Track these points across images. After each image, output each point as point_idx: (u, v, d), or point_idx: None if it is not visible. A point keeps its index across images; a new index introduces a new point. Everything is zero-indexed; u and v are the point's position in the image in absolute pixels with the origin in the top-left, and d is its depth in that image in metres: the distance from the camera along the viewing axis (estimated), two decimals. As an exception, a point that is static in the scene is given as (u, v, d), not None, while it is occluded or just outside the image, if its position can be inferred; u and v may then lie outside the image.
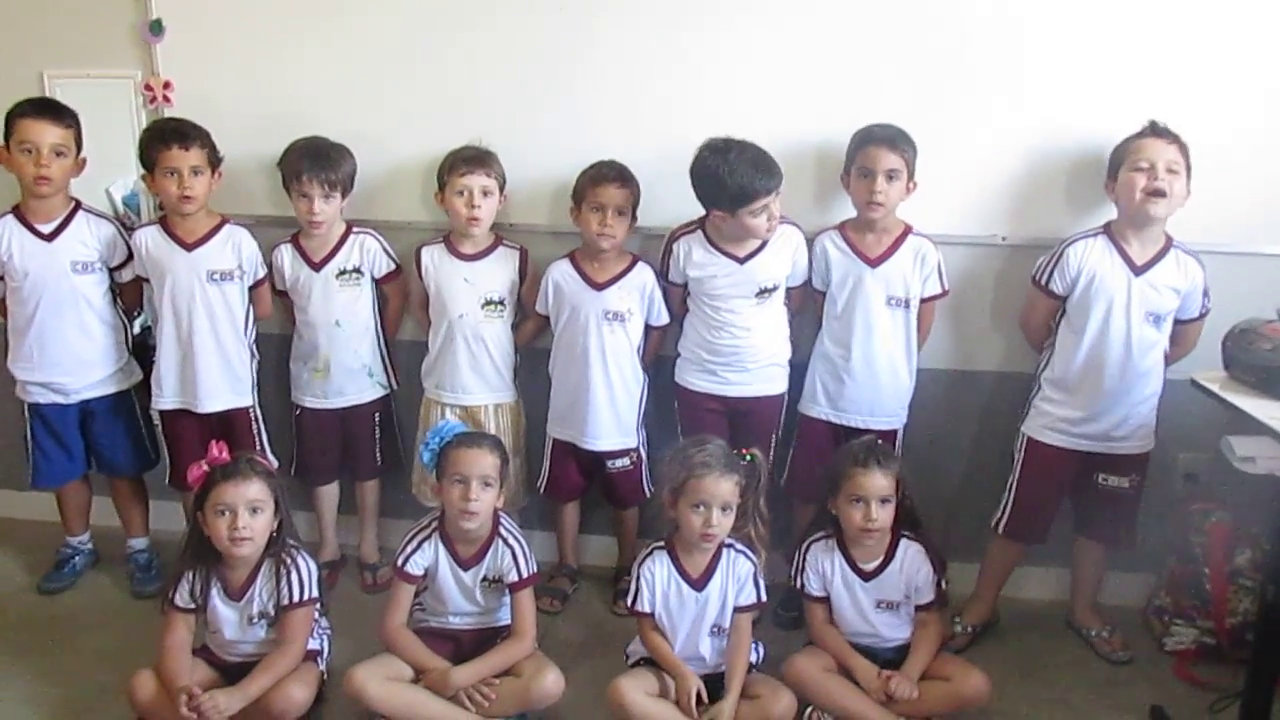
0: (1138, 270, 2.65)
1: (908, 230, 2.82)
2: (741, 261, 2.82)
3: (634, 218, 2.87)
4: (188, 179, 2.84)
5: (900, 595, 2.57)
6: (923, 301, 2.84)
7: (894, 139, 2.69)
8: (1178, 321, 2.71)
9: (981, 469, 3.01)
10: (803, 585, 2.62)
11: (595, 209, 2.82)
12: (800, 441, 2.96)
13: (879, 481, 2.50)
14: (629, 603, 2.55)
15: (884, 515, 2.50)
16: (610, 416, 2.95)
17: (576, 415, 2.97)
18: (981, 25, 2.77)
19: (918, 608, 2.58)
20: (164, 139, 2.83)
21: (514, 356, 3.07)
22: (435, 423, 2.96)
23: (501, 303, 2.99)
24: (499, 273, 2.99)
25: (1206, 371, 2.49)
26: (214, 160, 2.91)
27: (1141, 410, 2.71)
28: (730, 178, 2.63)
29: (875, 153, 2.69)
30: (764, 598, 2.57)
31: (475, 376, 3.01)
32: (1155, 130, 2.61)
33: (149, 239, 2.95)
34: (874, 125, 2.73)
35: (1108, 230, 2.69)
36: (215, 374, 2.98)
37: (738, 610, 2.53)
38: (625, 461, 3.00)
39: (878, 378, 2.84)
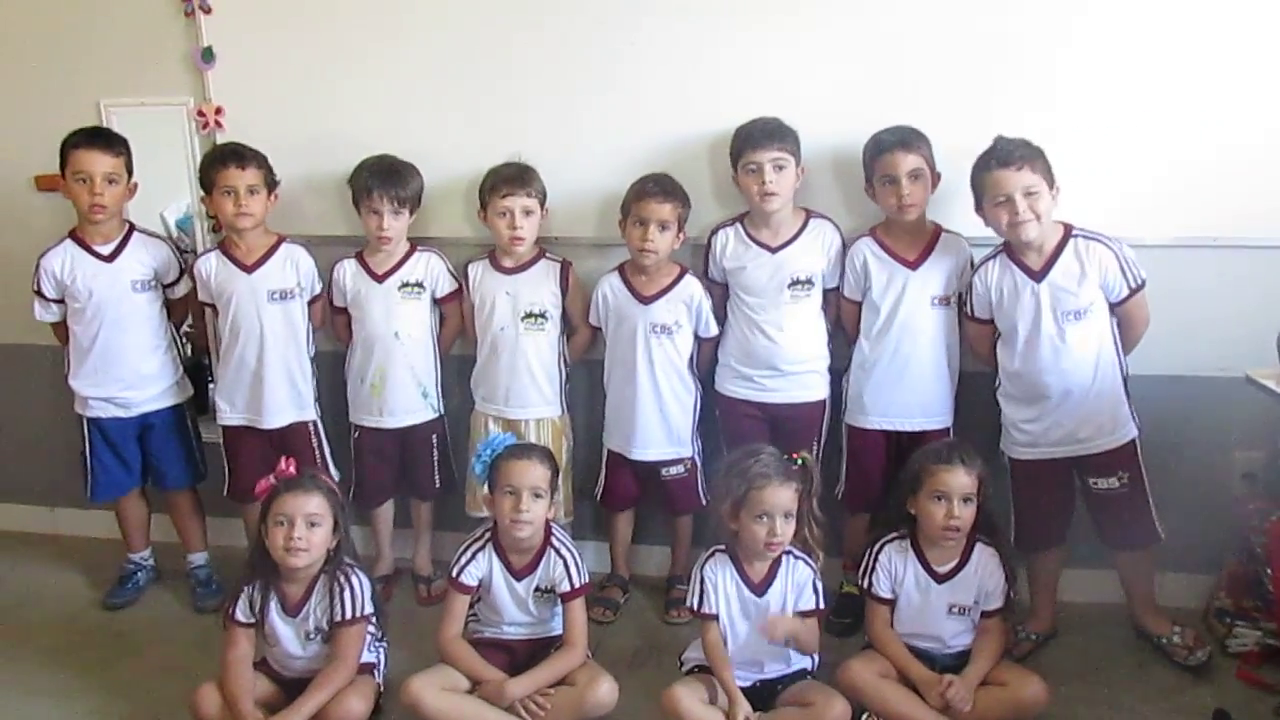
0: (1038, 276, 2.62)
1: (939, 229, 2.81)
2: (774, 251, 2.84)
3: (681, 230, 2.88)
4: (243, 198, 2.92)
5: (971, 600, 2.56)
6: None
7: (907, 140, 2.69)
8: (1114, 306, 2.66)
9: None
10: (870, 585, 2.61)
11: (638, 223, 2.84)
12: (853, 454, 2.94)
13: (963, 479, 2.49)
14: (695, 604, 2.55)
15: (967, 514, 2.49)
16: (658, 427, 2.97)
17: (626, 427, 2.99)
18: (1016, 33, 2.76)
19: (983, 614, 2.56)
20: (222, 159, 2.93)
21: (561, 371, 3.08)
22: (483, 434, 3.02)
23: (543, 315, 3.01)
24: (540, 286, 3.02)
25: (1261, 369, 2.45)
26: (270, 181, 2.99)
27: (1102, 406, 2.66)
28: None
29: (893, 158, 2.69)
30: (823, 604, 2.56)
31: (516, 390, 3.03)
32: (1000, 160, 2.56)
33: (211, 265, 3.03)
34: (882, 132, 2.73)
35: (1005, 246, 2.67)
36: (280, 391, 3.05)
37: (799, 614, 2.54)
38: (680, 469, 3.01)
39: (929, 378, 2.83)
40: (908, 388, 2.83)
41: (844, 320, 2.94)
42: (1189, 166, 2.69)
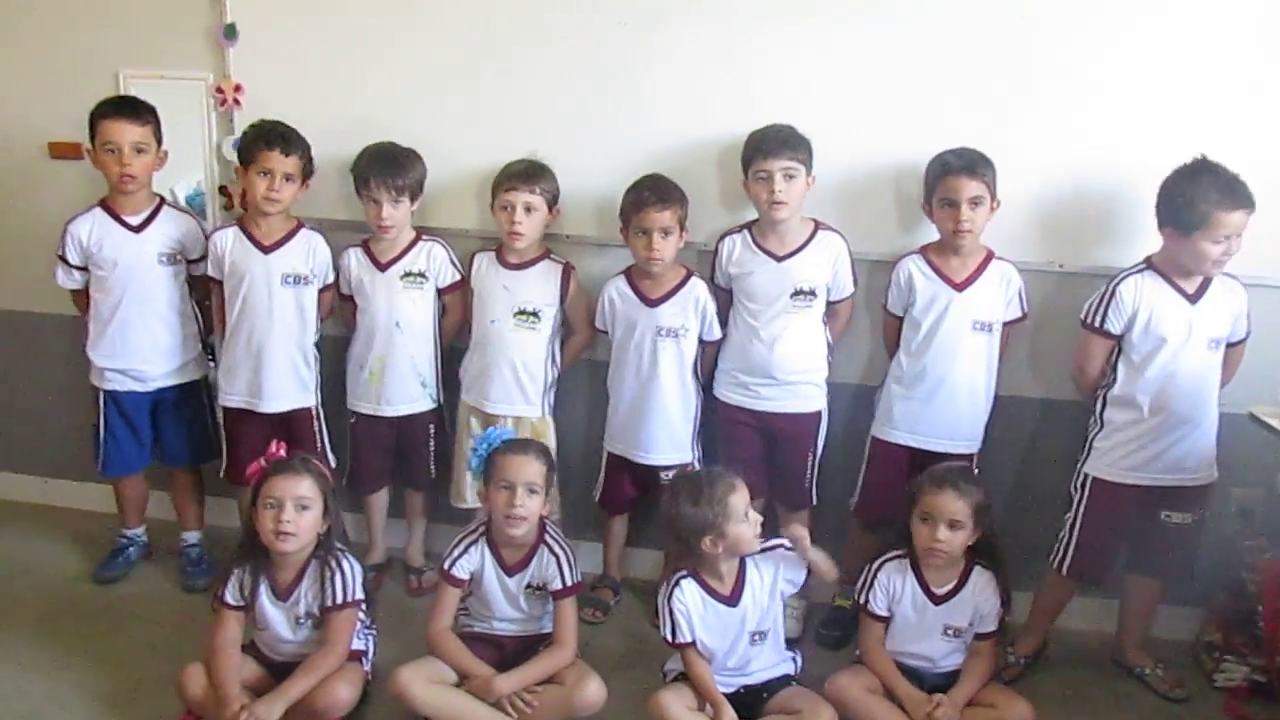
0: (1193, 299, 2.62)
1: (990, 255, 2.81)
2: (780, 260, 2.84)
3: (684, 230, 2.87)
4: (279, 183, 2.91)
5: (966, 622, 2.56)
6: (1004, 325, 2.83)
7: (974, 165, 2.68)
8: (1227, 345, 2.68)
9: (1029, 495, 2.98)
10: (867, 602, 2.61)
11: (640, 233, 2.83)
12: (874, 466, 2.94)
13: (951, 504, 2.49)
14: (669, 637, 2.53)
15: (951, 539, 2.49)
16: (664, 431, 2.96)
17: (630, 431, 2.99)
18: (1043, 53, 2.77)
19: (976, 636, 2.56)
20: (268, 141, 2.90)
21: (548, 373, 3.07)
22: (468, 425, 3.03)
23: (536, 315, 3.01)
24: (539, 285, 3.02)
25: (1265, 406, 2.46)
26: (307, 171, 2.98)
27: (1207, 439, 2.67)
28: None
29: (956, 182, 2.68)
30: (805, 575, 2.57)
31: (498, 385, 3.03)
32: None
33: (228, 240, 3.02)
34: (948, 153, 2.72)
35: (1151, 264, 2.66)
36: (284, 375, 3.03)
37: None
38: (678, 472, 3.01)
39: (960, 401, 2.82)
40: (938, 408, 2.83)
41: (885, 335, 2.95)
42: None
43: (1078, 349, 2.79)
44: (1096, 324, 2.70)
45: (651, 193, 2.83)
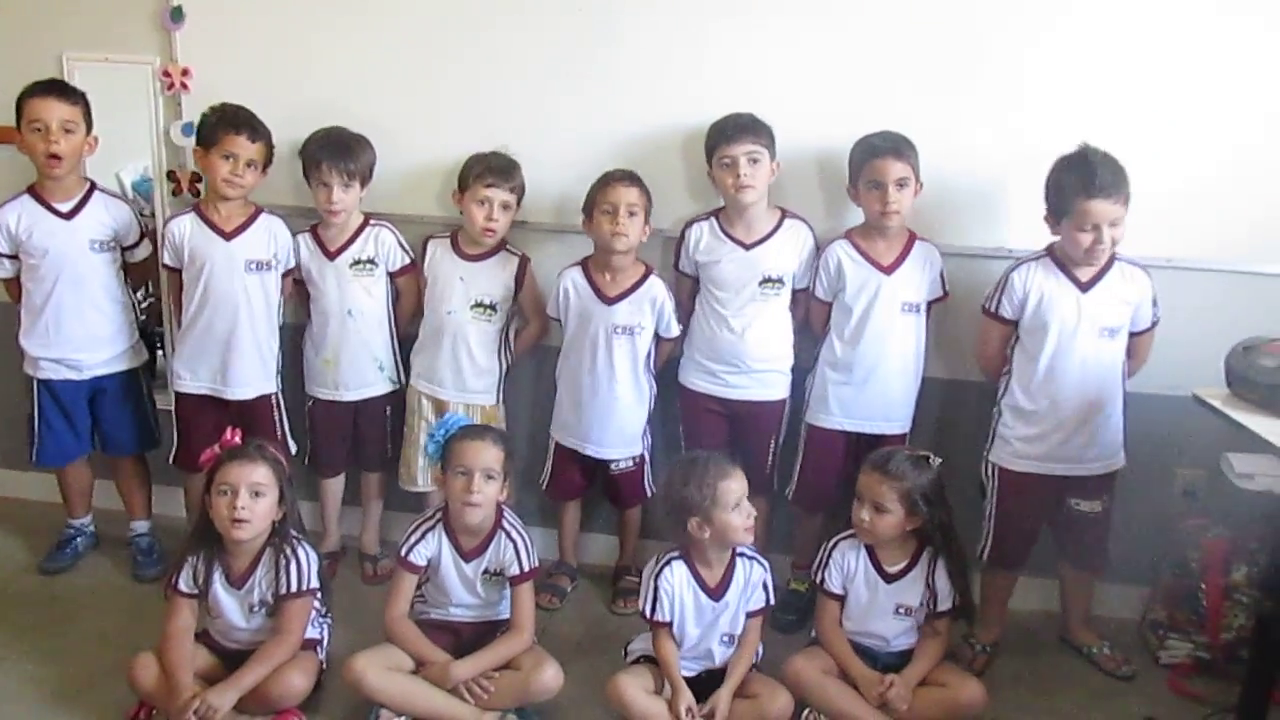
0: (1084, 287, 2.66)
1: (914, 236, 2.84)
2: (748, 248, 2.86)
3: (648, 222, 2.88)
4: (241, 168, 2.87)
5: (917, 602, 2.58)
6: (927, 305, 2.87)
7: (898, 147, 2.71)
8: (1131, 334, 2.72)
9: (961, 477, 2.96)
10: (822, 581, 2.63)
11: (606, 211, 2.82)
12: (810, 452, 2.95)
13: (876, 487, 2.51)
14: (647, 612, 2.55)
15: (876, 520, 2.52)
16: (615, 426, 2.96)
17: (581, 425, 2.98)
18: (1000, 42, 2.81)
19: (930, 615, 2.58)
20: (235, 125, 2.86)
21: (501, 363, 3.07)
22: (417, 410, 3.03)
23: (492, 307, 3.00)
24: (495, 276, 3.01)
25: (1208, 388, 2.51)
26: (269, 159, 2.94)
27: (1107, 428, 2.71)
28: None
29: (882, 164, 2.71)
30: (772, 601, 2.60)
31: (452, 373, 3.02)
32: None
33: (186, 227, 2.96)
34: (872, 136, 2.75)
35: (1050, 251, 2.70)
36: (251, 362, 3.00)
37: (749, 615, 2.56)
38: (628, 463, 3.01)
39: (893, 383, 2.85)
40: (874, 391, 2.85)
41: (812, 321, 2.96)
42: (1155, 188, 2.71)
43: (978, 335, 2.84)
44: (992, 309, 2.75)
45: (621, 173, 2.84)
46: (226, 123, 2.87)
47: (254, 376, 3.02)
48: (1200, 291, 2.82)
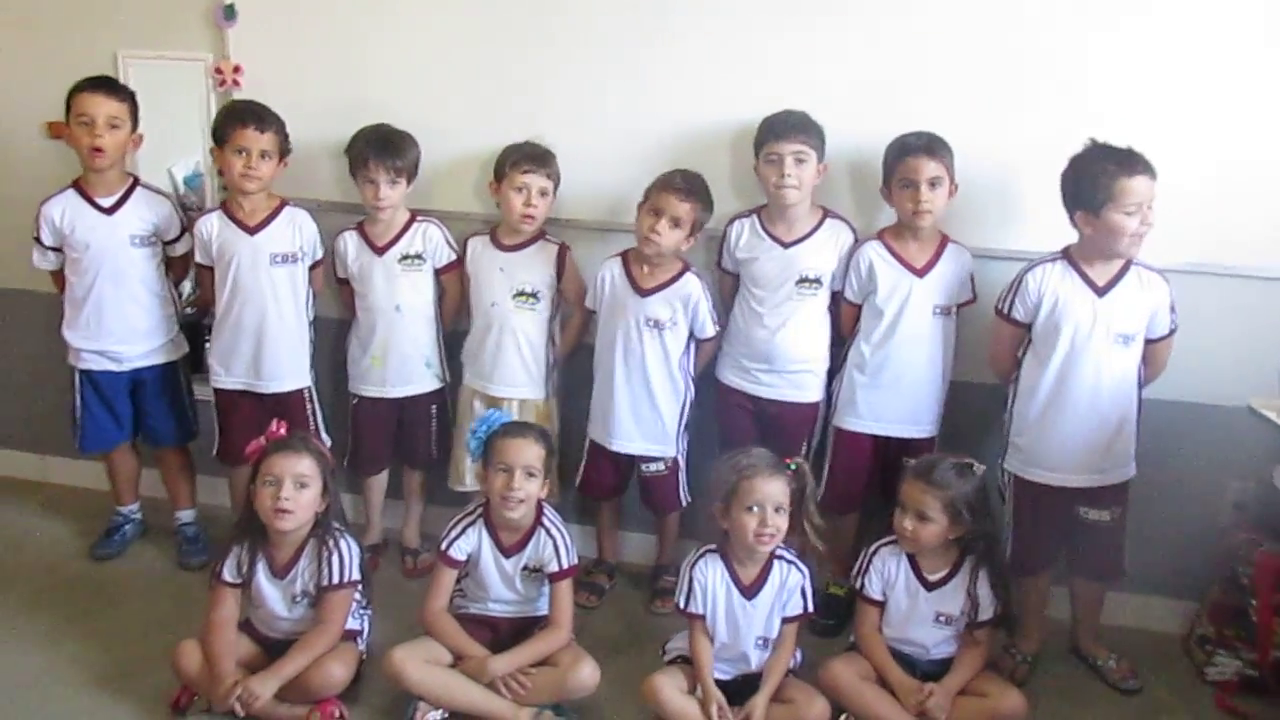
0: (1101, 291, 2.60)
1: (946, 238, 2.81)
2: (786, 246, 2.84)
3: (694, 234, 2.84)
4: (255, 160, 2.90)
5: (958, 610, 2.55)
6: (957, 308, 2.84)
7: (932, 146, 2.68)
8: (1148, 341, 2.65)
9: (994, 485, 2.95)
10: (862, 587, 2.61)
11: (652, 212, 2.81)
12: (838, 455, 2.92)
13: (919, 496, 2.49)
14: (681, 604, 2.55)
15: (917, 529, 2.49)
16: (637, 421, 2.94)
17: (608, 417, 2.97)
18: (1048, 49, 2.76)
19: (971, 624, 2.55)
20: (241, 118, 2.90)
21: (549, 354, 3.07)
22: (470, 410, 3.03)
23: (535, 295, 3.01)
24: (535, 265, 3.01)
25: (1264, 399, 2.46)
26: (284, 148, 2.97)
27: (1119, 438, 2.65)
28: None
29: (915, 163, 2.68)
30: (811, 608, 2.57)
31: (503, 367, 3.03)
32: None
33: (213, 225, 3.01)
34: (908, 135, 2.72)
35: (1066, 254, 2.65)
36: (281, 356, 3.03)
37: (785, 620, 2.54)
38: (659, 466, 2.98)
39: (922, 387, 2.82)
40: (903, 394, 2.83)
41: (841, 323, 2.93)
42: (1204, 191, 2.68)
43: (991, 337, 2.79)
44: (1005, 311, 2.70)
45: (683, 180, 2.82)
46: (234, 117, 2.91)
47: (286, 370, 3.05)
48: (1257, 299, 2.75)
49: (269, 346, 3.02)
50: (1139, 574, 2.81)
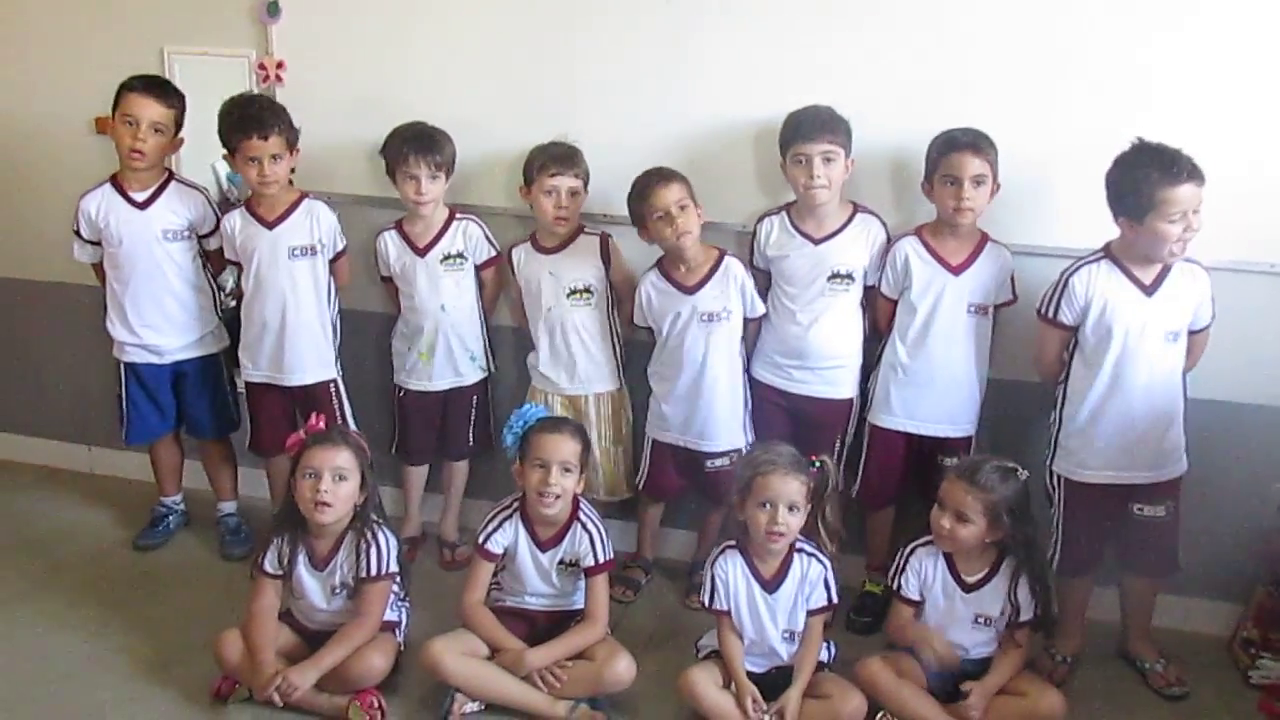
0: (1149, 290, 2.55)
1: (985, 237, 2.77)
2: (817, 243, 2.83)
3: (699, 206, 2.81)
4: (268, 166, 2.90)
5: (998, 611, 2.52)
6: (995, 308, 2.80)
7: (977, 143, 2.64)
8: (1190, 333, 2.61)
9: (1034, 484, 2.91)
10: (899, 586, 2.59)
11: (660, 217, 2.78)
12: (873, 453, 2.90)
13: (961, 496, 2.45)
14: (706, 601, 2.55)
15: (956, 529, 2.46)
16: (719, 418, 2.92)
17: (683, 418, 2.94)
18: (1087, 46, 2.71)
19: (1012, 625, 2.52)
20: (244, 130, 2.87)
21: (614, 344, 3.08)
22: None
23: (588, 290, 3.01)
24: (582, 262, 3.01)
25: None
26: (291, 142, 2.96)
27: (1171, 433, 2.61)
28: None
29: (960, 159, 2.64)
30: (835, 599, 2.56)
31: (570, 367, 3.04)
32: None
33: (236, 222, 3.04)
34: (954, 131, 2.67)
35: (1109, 252, 2.59)
36: (302, 349, 3.05)
37: (810, 613, 2.53)
38: (724, 461, 2.95)
39: (957, 386, 2.80)
40: (938, 393, 2.80)
41: (877, 318, 2.91)
42: (1248, 188, 2.63)
43: (1036, 340, 2.73)
44: (1050, 315, 2.63)
45: (654, 175, 2.80)
46: (237, 129, 2.89)
47: (309, 363, 3.07)
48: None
49: (289, 339, 3.03)
50: (1184, 576, 2.76)
